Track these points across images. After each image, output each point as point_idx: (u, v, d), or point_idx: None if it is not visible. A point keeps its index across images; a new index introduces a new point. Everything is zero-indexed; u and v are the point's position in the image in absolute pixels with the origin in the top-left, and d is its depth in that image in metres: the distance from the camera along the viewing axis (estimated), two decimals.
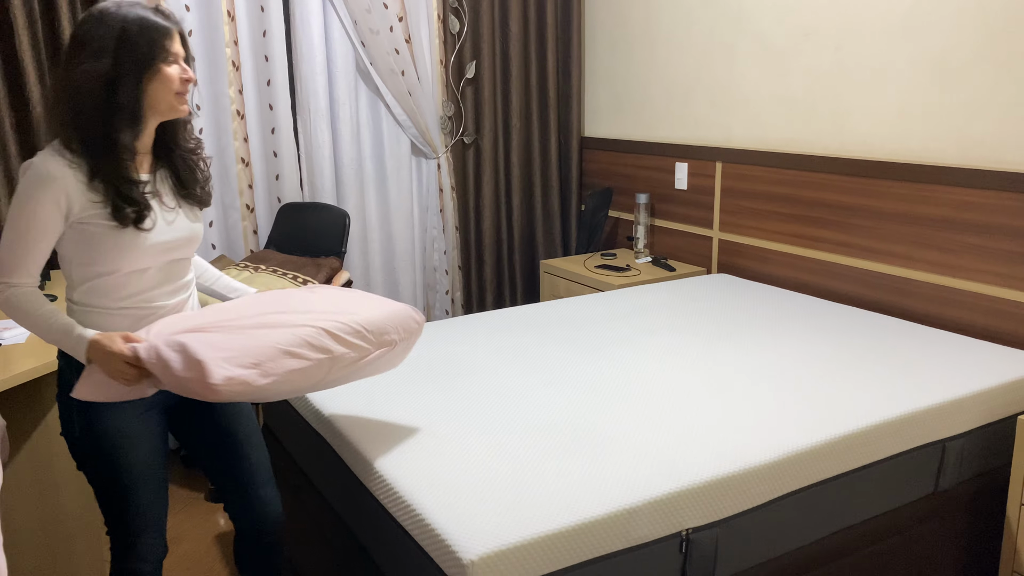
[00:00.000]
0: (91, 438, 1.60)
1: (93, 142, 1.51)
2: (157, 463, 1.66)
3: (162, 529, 1.69)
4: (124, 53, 1.49)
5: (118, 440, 1.60)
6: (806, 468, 1.75)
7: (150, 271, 1.61)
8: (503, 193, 3.86)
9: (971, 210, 2.44)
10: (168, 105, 1.57)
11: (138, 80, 1.51)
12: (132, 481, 1.61)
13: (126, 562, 1.66)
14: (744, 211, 3.19)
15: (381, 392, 2.03)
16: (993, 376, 2.11)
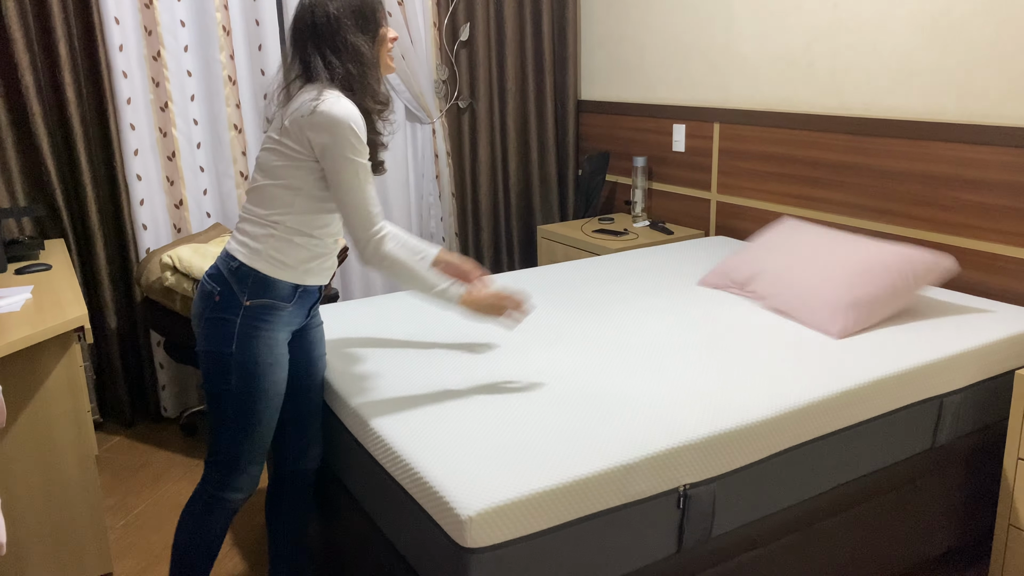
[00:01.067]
0: (247, 355, 1.70)
1: (368, 96, 1.69)
2: (282, 392, 1.78)
3: (264, 460, 1.82)
4: (368, 20, 1.69)
5: (269, 360, 1.72)
6: (803, 424, 1.75)
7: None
8: (499, 158, 3.83)
9: (971, 166, 2.42)
10: (385, 63, 1.76)
11: (375, 41, 1.71)
12: (266, 405, 1.75)
13: (225, 491, 1.78)
14: (742, 172, 3.17)
15: (376, 352, 2.03)
16: (991, 332, 2.10)
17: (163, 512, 2.65)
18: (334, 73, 1.65)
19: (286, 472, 1.96)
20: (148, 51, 2.99)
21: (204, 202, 3.21)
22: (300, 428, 1.93)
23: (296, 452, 1.94)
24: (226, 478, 1.78)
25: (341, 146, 1.62)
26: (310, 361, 1.91)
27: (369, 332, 2.20)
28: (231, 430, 1.74)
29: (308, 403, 1.92)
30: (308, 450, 1.95)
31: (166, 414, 3.27)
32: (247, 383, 1.71)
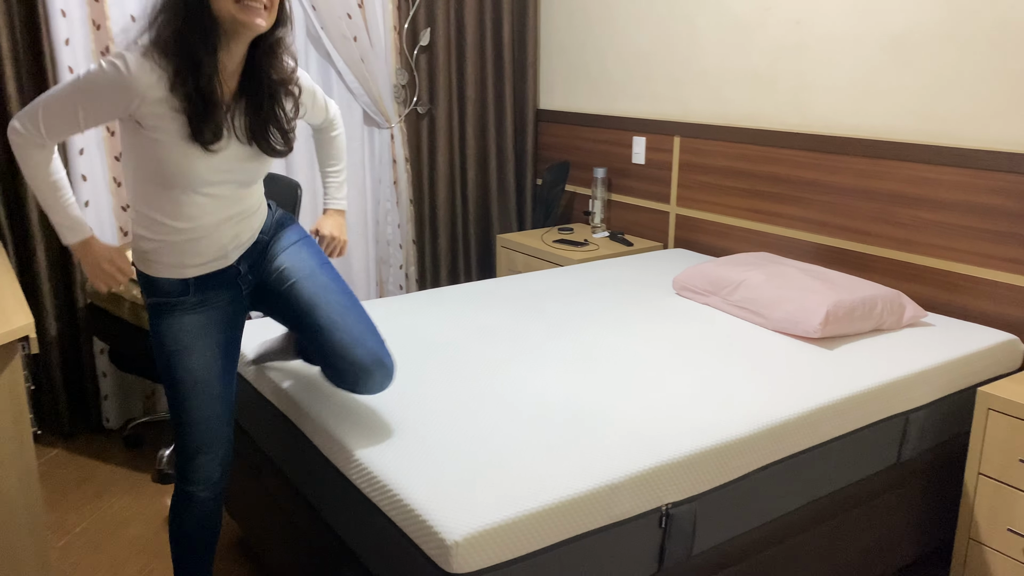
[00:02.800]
0: (156, 343, 1.68)
1: (176, 56, 1.47)
2: (212, 374, 1.69)
3: (217, 453, 1.74)
4: None
5: (174, 348, 1.66)
6: (779, 441, 1.75)
7: (205, 196, 1.60)
8: (458, 165, 3.79)
9: (929, 186, 2.48)
10: (228, 14, 1.47)
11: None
12: (186, 393, 1.67)
13: (184, 483, 1.74)
14: (701, 186, 3.20)
15: None
16: (952, 350, 2.15)
17: (107, 529, 2.53)
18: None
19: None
20: (96, 46, 2.86)
21: None
22: (330, 350, 1.67)
23: (335, 372, 1.70)
24: (182, 469, 1.74)
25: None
26: (279, 278, 1.72)
27: None
28: (172, 418, 1.73)
29: (320, 329, 1.68)
30: (346, 370, 1.68)
31: (108, 425, 3.12)
32: (164, 372, 1.69)
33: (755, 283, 2.38)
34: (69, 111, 1.51)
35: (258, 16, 1.49)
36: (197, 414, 1.70)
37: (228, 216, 1.66)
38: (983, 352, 2.17)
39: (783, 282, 2.36)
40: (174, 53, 1.47)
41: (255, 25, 1.49)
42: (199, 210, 1.61)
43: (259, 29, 1.51)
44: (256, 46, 1.57)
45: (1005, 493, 1.95)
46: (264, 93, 1.59)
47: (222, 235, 1.66)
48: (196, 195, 1.59)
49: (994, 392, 1.95)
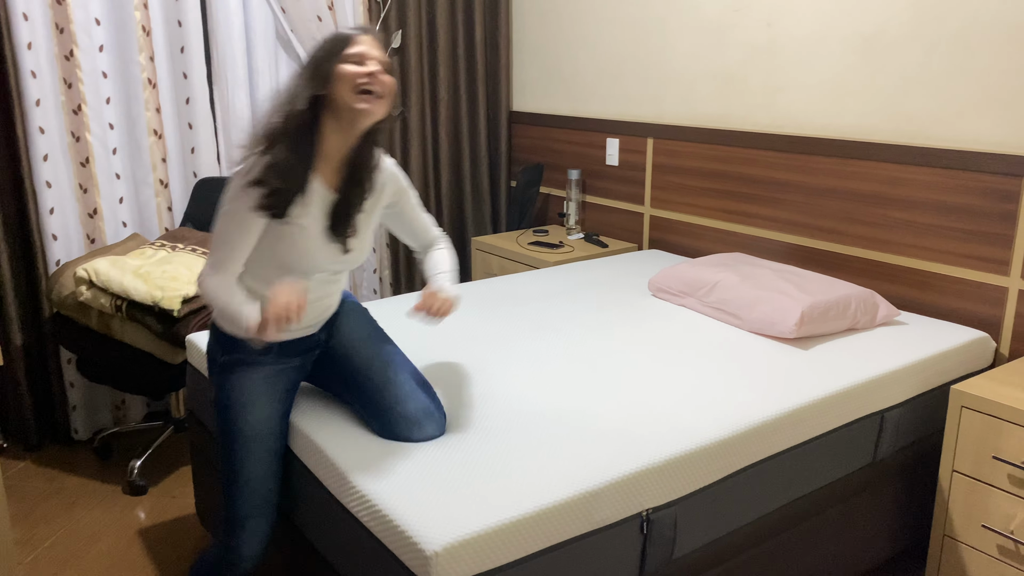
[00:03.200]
0: (222, 397, 1.67)
1: (281, 148, 1.55)
2: (270, 430, 1.66)
3: (268, 517, 1.67)
4: (309, 66, 1.58)
5: (242, 400, 1.65)
6: (757, 443, 1.75)
7: (316, 279, 1.69)
8: (431, 168, 3.76)
9: (900, 185, 2.50)
10: (345, 103, 1.55)
11: (314, 84, 1.56)
12: (244, 446, 1.64)
13: (228, 552, 1.65)
14: (675, 187, 3.20)
15: None
16: (925, 348, 2.17)
17: (78, 543, 2.47)
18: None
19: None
20: (60, 50, 2.80)
21: (120, 211, 3.03)
22: (380, 407, 1.67)
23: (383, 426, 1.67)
24: (228, 536, 1.66)
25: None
26: (351, 352, 1.77)
27: None
28: (225, 481, 1.67)
29: (373, 391, 1.69)
30: (395, 423, 1.65)
31: (77, 436, 3.06)
32: (224, 426, 1.66)
33: (730, 284, 2.39)
34: (237, 246, 1.59)
35: (375, 106, 1.58)
36: (252, 471, 1.65)
37: (328, 293, 1.75)
38: (955, 350, 2.19)
39: (757, 283, 2.37)
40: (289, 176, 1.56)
41: (371, 115, 1.58)
42: (309, 291, 1.68)
43: (374, 119, 1.60)
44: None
45: (979, 490, 1.97)
46: (364, 182, 1.67)
47: (319, 307, 1.74)
48: (311, 279, 1.67)
49: (967, 390, 1.97)
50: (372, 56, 1.59)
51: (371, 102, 1.57)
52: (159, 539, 2.51)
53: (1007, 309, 2.30)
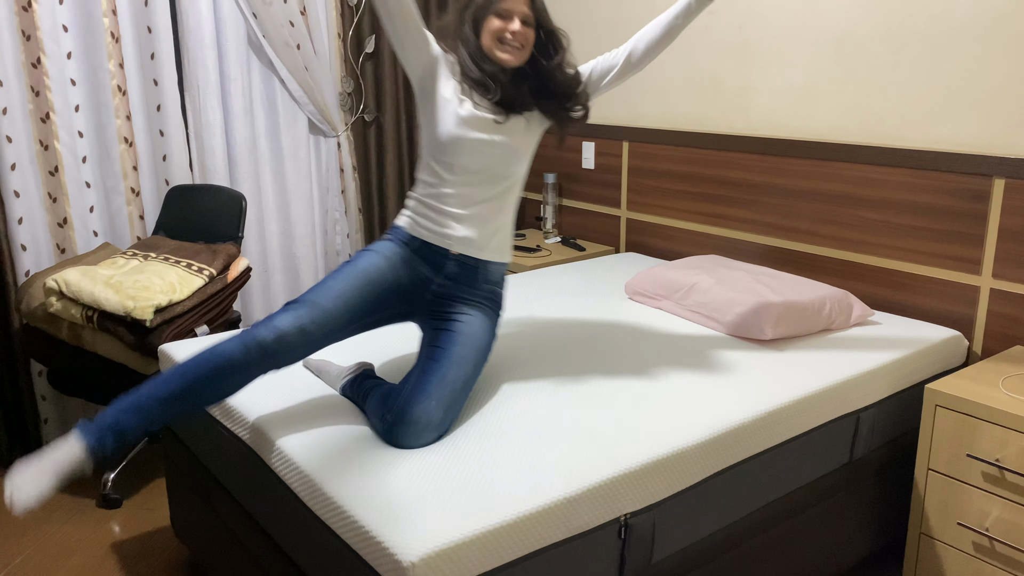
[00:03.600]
0: (363, 251, 1.88)
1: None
2: (361, 285, 1.78)
3: (301, 316, 1.69)
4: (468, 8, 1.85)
5: (368, 249, 1.87)
6: (734, 445, 1.76)
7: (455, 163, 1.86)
8: (407, 173, 3.75)
9: (872, 186, 2.52)
10: (488, 48, 1.83)
11: (467, 25, 1.84)
12: (343, 270, 1.80)
13: (255, 325, 1.71)
14: (651, 190, 3.21)
15: (288, 382, 1.91)
16: (899, 347, 2.18)
17: (49, 559, 2.43)
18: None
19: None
20: (26, 57, 2.75)
21: (91, 220, 2.99)
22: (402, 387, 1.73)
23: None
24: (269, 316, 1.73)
25: None
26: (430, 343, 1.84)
27: None
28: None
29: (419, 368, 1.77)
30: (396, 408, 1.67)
31: None
32: (348, 262, 1.85)
33: (706, 287, 2.39)
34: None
35: (509, 55, 1.83)
36: (329, 283, 1.77)
37: (487, 209, 1.88)
38: (929, 349, 2.21)
39: (733, 285, 2.38)
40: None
41: (508, 63, 1.84)
42: (456, 187, 1.85)
43: (511, 66, 1.85)
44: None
45: (954, 488, 1.99)
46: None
47: (474, 220, 1.86)
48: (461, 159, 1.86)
49: (941, 388, 1.98)
50: (518, 12, 1.82)
51: (510, 52, 1.83)
52: (134, 553, 2.47)
53: (979, 308, 2.33)
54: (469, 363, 1.77)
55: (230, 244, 2.83)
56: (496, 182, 1.88)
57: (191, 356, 1.68)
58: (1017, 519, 1.88)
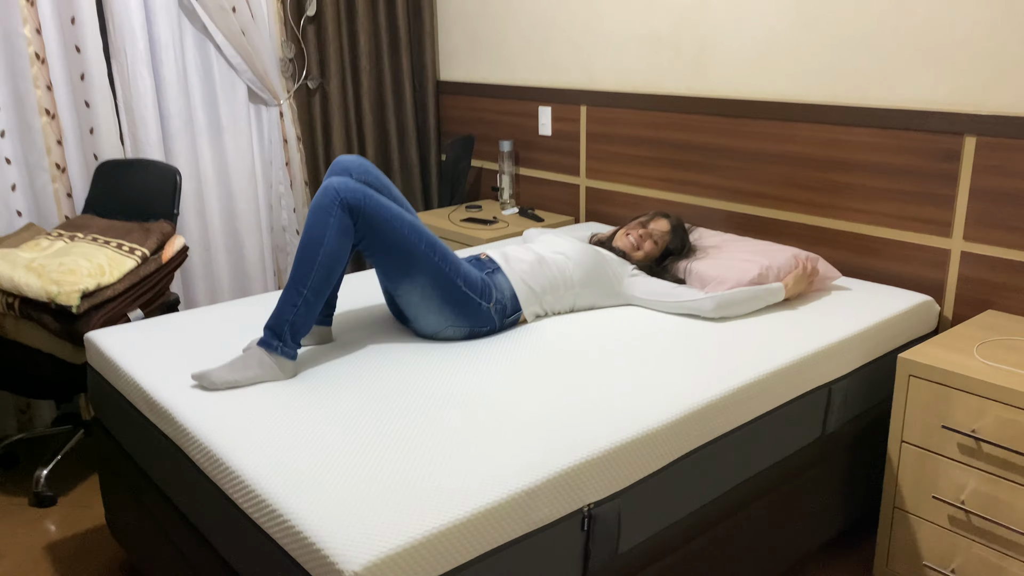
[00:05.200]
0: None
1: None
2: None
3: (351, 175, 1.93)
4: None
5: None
6: (703, 424, 1.65)
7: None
8: (355, 143, 3.57)
9: (840, 148, 2.42)
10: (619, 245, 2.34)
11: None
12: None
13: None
14: (611, 156, 3.08)
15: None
16: (870, 315, 2.10)
17: None
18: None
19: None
20: None
21: (13, 200, 2.77)
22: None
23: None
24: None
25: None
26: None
27: (218, 348, 1.93)
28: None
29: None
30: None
31: None
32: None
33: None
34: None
35: (634, 250, 2.29)
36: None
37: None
38: (901, 316, 2.13)
39: (699, 254, 2.27)
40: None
41: (631, 256, 2.28)
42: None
43: (634, 258, 2.28)
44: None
45: (929, 460, 1.91)
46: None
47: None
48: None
49: (914, 358, 1.90)
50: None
51: (630, 248, 2.31)
52: (70, 554, 2.32)
53: (949, 272, 2.25)
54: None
55: (164, 222, 2.65)
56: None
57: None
58: (994, 491, 1.81)
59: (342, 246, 1.78)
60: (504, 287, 2.03)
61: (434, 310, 1.92)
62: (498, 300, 2.00)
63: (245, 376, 1.69)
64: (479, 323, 1.96)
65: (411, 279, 1.89)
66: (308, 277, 1.76)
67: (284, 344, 1.73)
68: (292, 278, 1.77)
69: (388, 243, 1.84)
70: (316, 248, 1.76)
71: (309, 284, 1.75)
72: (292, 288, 1.76)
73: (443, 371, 1.77)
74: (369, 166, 1.96)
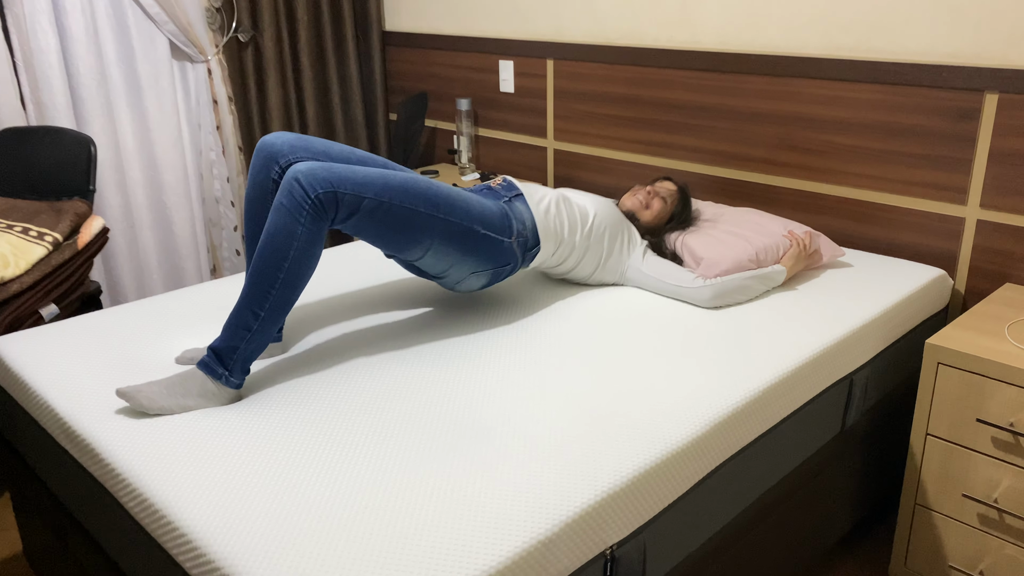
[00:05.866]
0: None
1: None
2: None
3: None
4: None
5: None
6: (724, 439, 1.44)
7: None
8: (294, 102, 3.21)
9: (841, 106, 2.20)
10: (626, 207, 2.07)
11: None
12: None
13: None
14: (582, 116, 2.81)
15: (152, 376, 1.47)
16: (886, 294, 1.90)
17: None
18: None
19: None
20: None
21: None
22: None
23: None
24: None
25: None
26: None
27: (148, 353, 1.63)
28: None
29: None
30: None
31: None
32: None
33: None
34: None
35: (643, 209, 2.04)
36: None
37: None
38: (917, 293, 1.94)
39: (689, 231, 2.05)
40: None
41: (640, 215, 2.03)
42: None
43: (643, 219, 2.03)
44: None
45: (958, 455, 1.74)
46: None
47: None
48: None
49: (943, 343, 1.71)
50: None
51: (639, 208, 2.05)
52: None
53: (963, 242, 2.07)
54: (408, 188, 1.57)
55: (78, 201, 2.29)
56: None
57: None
58: None
59: (311, 258, 1.47)
60: (525, 216, 1.77)
61: (453, 263, 1.65)
62: (519, 232, 1.74)
63: (183, 404, 1.39)
64: (501, 261, 1.71)
65: (419, 245, 1.60)
66: (267, 297, 1.44)
67: (231, 373, 1.43)
68: (247, 296, 1.44)
69: (381, 222, 1.53)
70: (279, 262, 1.43)
71: (268, 305, 1.44)
72: (246, 308, 1.44)
73: (424, 385, 1.51)
74: (311, 140, 1.65)
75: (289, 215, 1.42)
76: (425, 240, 1.59)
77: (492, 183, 1.87)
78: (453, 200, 1.62)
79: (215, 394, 1.41)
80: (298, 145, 1.62)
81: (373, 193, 1.50)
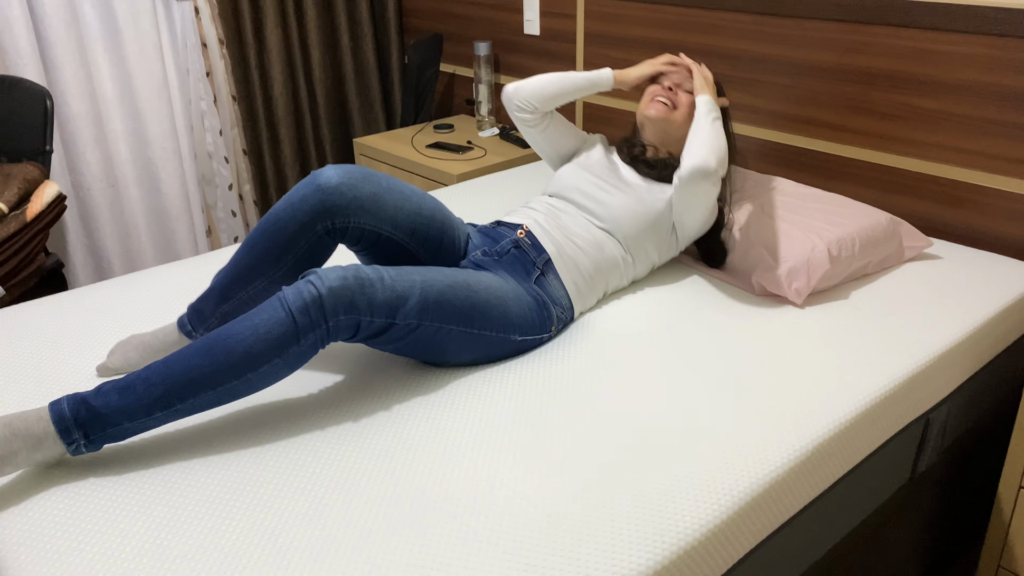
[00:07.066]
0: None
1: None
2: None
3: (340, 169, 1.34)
4: None
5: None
6: (776, 503, 1.12)
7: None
8: (296, 44, 2.87)
9: (929, 62, 1.79)
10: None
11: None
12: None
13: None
14: (616, 64, 2.43)
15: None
16: (978, 304, 1.53)
17: None
18: None
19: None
20: None
21: None
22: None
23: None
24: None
25: None
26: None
27: (96, 342, 1.36)
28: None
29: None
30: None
31: None
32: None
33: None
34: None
35: (655, 111, 1.64)
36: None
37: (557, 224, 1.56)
38: (1018, 303, 1.56)
39: (741, 211, 1.69)
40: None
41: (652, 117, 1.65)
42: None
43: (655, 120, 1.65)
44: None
45: None
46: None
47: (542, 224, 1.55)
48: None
49: None
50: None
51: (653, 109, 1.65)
52: None
53: None
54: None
55: (29, 164, 2.02)
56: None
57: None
58: None
59: (281, 376, 1.16)
60: (560, 294, 1.46)
61: (476, 360, 1.36)
62: (559, 318, 1.44)
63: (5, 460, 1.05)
64: (535, 346, 1.42)
65: (440, 358, 1.33)
66: (200, 394, 1.10)
67: (90, 444, 1.09)
68: (176, 375, 1.10)
69: (400, 339, 1.24)
70: (243, 369, 1.11)
71: (196, 402, 1.11)
72: (164, 388, 1.09)
73: (401, 421, 1.21)
74: (380, 198, 1.35)
75: (290, 327, 1.12)
76: (449, 355, 1.31)
77: (519, 232, 1.51)
78: (490, 309, 1.31)
79: (49, 455, 1.08)
80: (366, 203, 1.34)
81: (402, 317, 1.20)
